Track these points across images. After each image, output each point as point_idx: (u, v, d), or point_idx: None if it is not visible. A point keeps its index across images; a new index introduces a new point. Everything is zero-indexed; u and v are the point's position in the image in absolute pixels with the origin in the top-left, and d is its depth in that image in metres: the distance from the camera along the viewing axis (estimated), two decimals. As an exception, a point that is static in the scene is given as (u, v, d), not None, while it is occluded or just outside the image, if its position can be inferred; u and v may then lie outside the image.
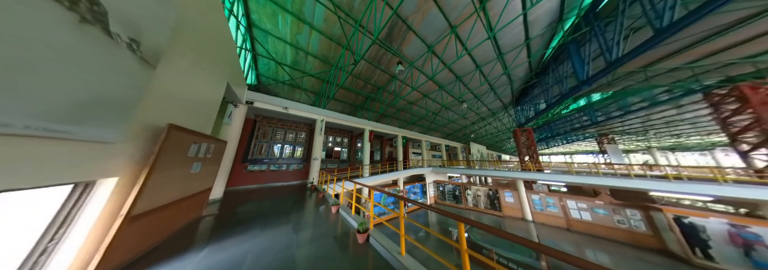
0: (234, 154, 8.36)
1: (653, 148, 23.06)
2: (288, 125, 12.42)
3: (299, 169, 12.08)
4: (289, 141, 12.27)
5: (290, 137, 12.46)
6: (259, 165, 11.08)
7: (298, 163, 12.33)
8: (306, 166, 12.40)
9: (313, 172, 10.68)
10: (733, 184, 8.19)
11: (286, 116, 11.54)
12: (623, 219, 9.94)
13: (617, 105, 12.88)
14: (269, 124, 11.69)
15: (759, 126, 9.74)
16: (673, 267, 7.93)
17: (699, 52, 9.10)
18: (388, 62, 11.27)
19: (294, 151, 12.31)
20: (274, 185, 10.95)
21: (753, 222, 7.76)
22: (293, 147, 12.29)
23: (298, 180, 11.87)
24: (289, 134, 12.37)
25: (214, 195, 6.99)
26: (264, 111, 10.45)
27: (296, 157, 12.21)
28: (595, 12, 9.35)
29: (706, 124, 14.96)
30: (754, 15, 7.21)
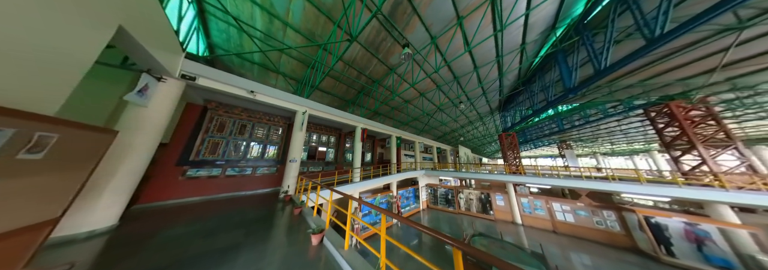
0: (153, 152, 3.71)
1: (597, 153, 23.52)
2: (258, 117, 6.94)
3: (271, 174, 7.68)
4: (258, 138, 7.31)
5: (260, 133, 6.87)
6: (207, 169, 6.14)
7: (270, 166, 7.70)
8: (282, 169, 7.89)
9: (289, 178, 6.27)
10: (684, 187, 6.96)
11: (254, 104, 6.02)
12: (601, 220, 8.16)
13: (579, 115, 10.59)
14: (229, 113, 6.56)
15: (684, 137, 8.70)
16: (644, 265, 6.40)
17: (651, 72, 8.04)
18: (387, 51, 6.63)
19: (265, 150, 6.90)
20: (234, 196, 6.22)
21: (702, 220, 6.71)
22: (264, 145, 6.97)
23: (269, 187, 7.45)
24: (258, 129, 7.02)
25: (95, 224, 2.78)
26: (220, 95, 5.36)
27: (269, 159, 7.27)
28: (583, 23, 7.27)
29: (634, 134, 14.22)
30: (695, 42, 6.35)
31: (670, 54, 7.32)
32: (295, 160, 6.29)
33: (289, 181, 6.01)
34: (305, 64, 7.46)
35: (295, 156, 6.33)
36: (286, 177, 6.07)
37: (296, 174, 6.22)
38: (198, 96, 5.79)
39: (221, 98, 6.16)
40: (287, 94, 6.48)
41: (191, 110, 5.88)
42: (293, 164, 6.21)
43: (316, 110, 7.34)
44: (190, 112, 5.85)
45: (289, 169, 6.12)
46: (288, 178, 6.04)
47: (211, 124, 6.22)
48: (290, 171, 6.09)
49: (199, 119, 5.97)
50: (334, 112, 7.88)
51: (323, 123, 9.60)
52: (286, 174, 6.09)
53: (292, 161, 6.24)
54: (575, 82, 7.95)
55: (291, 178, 6.05)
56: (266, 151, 7.58)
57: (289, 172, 6.08)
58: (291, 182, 6.02)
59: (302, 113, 6.75)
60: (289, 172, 6.07)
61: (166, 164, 5.13)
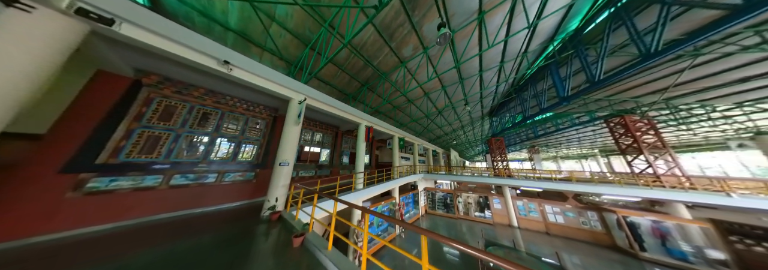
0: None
1: (558, 157, 25.83)
2: (231, 104, 4.77)
3: (246, 182, 5.35)
4: (229, 133, 4.50)
5: (232, 126, 4.46)
6: (134, 177, 3.61)
7: (244, 171, 5.55)
8: (262, 175, 5.70)
9: (278, 188, 4.33)
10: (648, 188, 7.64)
11: (227, 85, 3.93)
12: (586, 220, 8.47)
13: (551, 123, 11.29)
14: (184, 95, 4.47)
15: (635, 144, 9.82)
16: (624, 262, 6.62)
17: (617, 89, 8.98)
18: (402, 40, 5.54)
19: (239, 149, 4.50)
20: (187, 215, 3.88)
21: (663, 217, 7.16)
22: (236, 143, 4.51)
23: (243, 199, 4.64)
24: (230, 121, 4.63)
25: None
26: (170, 65, 3.74)
27: (243, 161, 4.52)
28: (578, 37, 7.43)
29: (587, 141, 15.99)
30: (651, 67, 7.21)
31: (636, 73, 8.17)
32: (287, 163, 4.40)
33: (278, 191, 4.09)
34: (303, 41, 5.62)
35: (287, 158, 4.44)
36: (272, 186, 4.13)
37: (287, 182, 4.32)
38: (124, 61, 3.46)
39: (171, 70, 3.89)
40: (281, 76, 4.58)
41: (107, 83, 3.47)
42: (284, 169, 4.31)
43: (316, 100, 5.53)
44: (105, 86, 3.43)
45: (276, 175, 4.21)
46: (275, 188, 4.12)
47: (149, 109, 3.84)
48: (279, 178, 4.19)
49: (123, 99, 3.57)
50: (337, 105, 6.18)
51: (319, 118, 7.67)
52: (273, 182, 4.16)
53: (283, 165, 4.33)
54: (568, 91, 8.18)
55: (280, 187, 4.14)
56: (240, 151, 5.34)
57: (277, 179, 4.17)
58: (280, 193, 4.11)
59: (299, 102, 4.90)
60: (276, 180, 4.16)
61: (36, 171, 2.69)
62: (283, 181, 4.31)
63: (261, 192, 5.49)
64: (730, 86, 7.94)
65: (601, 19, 7.06)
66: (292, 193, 4.25)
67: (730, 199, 6.62)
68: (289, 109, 4.90)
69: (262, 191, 5.44)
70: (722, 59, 6.74)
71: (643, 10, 6.00)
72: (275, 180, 4.26)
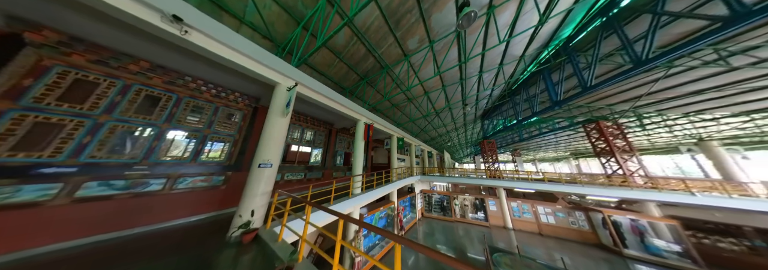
0: None
1: (535, 160, 26.99)
2: (188, 88, 4.06)
3: (212, 188, 4.17)
4: (186, 124, 3.22)
5: (191, 118, 3.17)
6: None
7: (209, 175, 4.11)
8: (235, 179, 4.51)
9: (255, 197, 3.00)
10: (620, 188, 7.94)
11: (182, 60, 2.85)
12: (574, 220, 8.54)
13: (535, 127, 11.68)
14: (108, 66, 3.49)
15: (608, 147, 10.54)
16: (609, 259, 6.72)
17: (597, 97, 9.44)
18: (408, 30, 4.81)
19: (202, 147, 3.06)
20: (105, 240, 2.25)
21: (640, 215, 7.44)
22: (199, 139, 3.14)
23: (205, 212, 3.41)
24: (190, 110, 3.75)
25: None
26: (74, 12, 1.94)
27: (207, 161, 3.64)
28: (571, 44, 7.60)
29: (563, 145, 16.96)
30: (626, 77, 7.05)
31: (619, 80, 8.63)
32: (269, 164, 3.28)
33: (255, 201, 2.95)
34: (294, 17, 4.53)
35: (270, 157, 3.31)
36: (248, 195, 2.97)
37: (268, 188, 3.20)
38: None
39: (85, 26, 2.55)
40: (265, 53, 3.47)
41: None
42: (265, 171, 3.19)
43: (310, 89, 4.46)
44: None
45: (255, 179, 3.08)
46: (251, 198, 2.98)
47: (40, 82, 2.43)
48: (257, 183, 3.07)
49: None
50: (335, 98, 5.15)
51: (311, 112, 6.50)
52: (248, 189, 3.00)
53: (264, 166, 3.20)
54: (560, 96, 8.32)
55: (259, 196, 3.01)
56: (204, 150, 4.00)
57: (255, 184, 3.05)
58: (259, 204, 2.98)
59: (288, 89, 3.81)
60: (254, 186, 3.04)
61: None
62: (263, 188, 3.17)
63: (233, 201, 4.18)
64: (683, 98, 8.83)
65: (592, 27, 7.22)
66: (276, 203, 3.12)
67: (693, 198, 7.11)
68: (275, 96, 3.77)
69: (233, 200, 4.14)
70: (682, 73, 7.35)
71: (632, 20, 6.17)
72: (252, 186, 3.10)
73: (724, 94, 8.06)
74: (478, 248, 7.00)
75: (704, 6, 5.06)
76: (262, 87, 4.43)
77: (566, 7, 5.94)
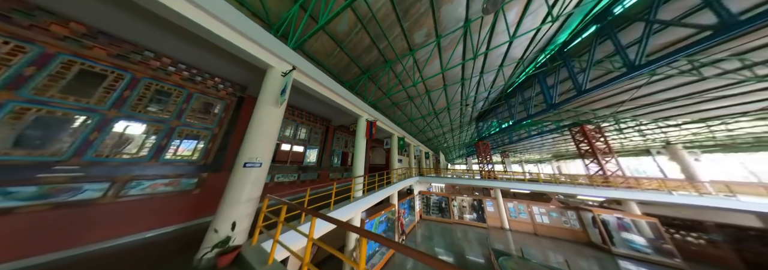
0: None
1: (522, 161, 27.83)
2: (150, 67, 3.65)
3: (181, 193, 3.31)
4: (144, 113, 2.84)
5: (153, 106, 2.46)
6: None
7: (177, 177, 3.17)
8: (213, 182, 3.63)
9: (238, 204, 2.18)
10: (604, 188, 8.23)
11: (133, 26, 2.65)
12: (567, 220, 8.79)
13: (524, 130, 12.08)
14: (9, 21, 2.17)
15: (591, 150, 11.21)
16: (599, 257, 6.84)
17: (582, 102, 9.89)
18: (416, 21, 4.35)
19: (167, 142, 2.24)
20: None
21: (625, 214, 7.66)
22: (164, 133, 2.29)
23: (171, 224, 2.59)
24: (151, 95, 3.24)
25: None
26: None
27: (175, 160, 2.94)
28: (565, 50, 7.73)
29: (548, 147, 17.67)
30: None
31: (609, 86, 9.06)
32: (258, 163, 2.58)
33: (238, 210, 2.24)
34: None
35: (260, 155, 2.61)
36: (228, 202, 2.25)
37: (256, 194, 2.49)
38: None
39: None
40: (255, 28, 2.76)
41: None
42: (252, 172, 2.49)
43: (308, 77, 3.80)
44: None
45: (238, 182, 2.38)
46: (233, 206, 2.26)
47: None
48: (241, 187, 2.37)
49: None
50: (337, 90, 4.51)
51: (306, 107, 5.74)
52: (229, 194, 2.29)
53: (251, 166, 2.50)
54: (555, 99, 8.48)
55: (243, 203, 2.31)
56: (167, 147, 3.13)
57: (239, 189, 2.36)
58: (243, 213, 2.27)
59: (283, 74, 3.13)
60: (237, 191, 2.34)
61: None
62: (249, 193, 2.46)
63: (209, 208, 3.34)
64: (655, 105, 9.56)
65: (587, 33, 7.43)
66: (265, 212, 2.42)
67: (670, 197, 7.55)
68: (267, 82, 3.06)
69: (210, 207, 3.30)
70: (658, 82, 7.89)
71: (625, 27, 6.39)
72: (235, 190, 2.38)
73: (688, 102, 8.82)
74: (480, 251, 6.72)
75: (691, 16, 5.31)
76: (251, 72, 3.66)
77: (567, 10, 5.97)
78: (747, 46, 5.82)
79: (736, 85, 7.19)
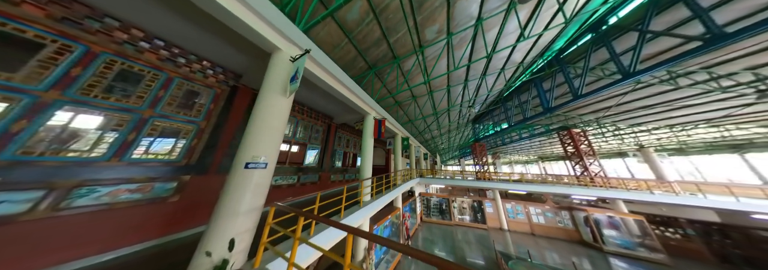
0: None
1: (512, 162, 28.58)
2: (108, 38, 2.78)
3: (156, 201, 2.62)
4: (106, 97, 2.84)
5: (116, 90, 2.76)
6: None
7: (150, 181, 2.38)
8: (196, 186, 3.07)
9: (236, 217, 1.62)
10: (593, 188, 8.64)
11: None
12: (561, 219, 9.17)
13: (516, 133, 12.51)
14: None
15: (576, 152, 11.77)
16: (591, 255, 7.02)
17: (571, 108, 10.39)
18: (429, 16, 4.00)
19: (135, 138, 2.11)
20: None
21: (616, 213, 8.00)
22: (133, 126, 2.56)
23: (138, 242, 2.29)
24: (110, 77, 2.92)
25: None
26: None
27: (150, 159, 2.43)
28: (561, 57, 8.07)
29: (536, 149, 18.40)
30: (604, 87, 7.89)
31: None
32: (263, 163, 2.01)
33: (237, 223, 1.66)
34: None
35: (265, 154, 2.03)
36: (223, 213, 1.67)
37: (260, 202, 1.92)
38: None
39: None
40: (262, 0, 2.19)
41: None
42: (253, 174, 1.93)
43: (318, 66, 3.27)
44: None
45: (237, 188, 1.81)
46: (231, 217, 1.69)
47: None
48: (242, 193, 1.82)
49: None
50: (347, 83, 4.01)
51: (307, 101, 5.12)
52: (225, 204, 1.73)
53: (254, 166, 1.92)
54: (551, 103, 8.75)
55: (244, 214, 1.74)
56: (136, 143, 2.42)
57: (238, 195, 1.80)
58: (243, 228, 1.70)
59: (293, 58, 2.61)
60: (236, 197, 1.78)
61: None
62: (250, 201, 1.90)
63: (190, 220, 2.64)
64: (632, 112, 10.34)
65: (583, 41, 7.75)
66: (271, 223, 1.86)
67: (651, 196, 8.07)
68: (272, 67, 2.52)
69: (192, 218, 2.61)
70: (639, 90, 8.50)
71: (619, 36, 6.72)
72: (232, 199, 1.82)
73: (660, 110, 9.65)
74: (486, 254, 6.54)
75: (682, 27, 5.65)
76: (250, 55, 3.05)
77: (578, 12, 6.08)
78: (714, 61, 6.39)
79: (703, 95, 7.92)
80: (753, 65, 6.29)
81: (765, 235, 7.34)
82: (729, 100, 8.16)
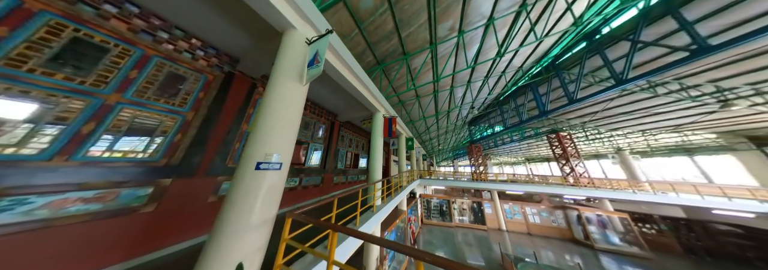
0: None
1: (502, 164, 29.35)
2: None
3: (126, 211, 2.14)
4: (50, 74, 1.92)
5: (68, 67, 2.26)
6: None
7: (114, 187, 1.75)
8: (179, 191, 2.12)
9: (247, 232, 1.16)
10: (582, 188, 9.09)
11: None
12: (555, 219, 9.71)
13: (508, 135, 13.00)
14: None
15: (564, 153, 12.41)
16: (583, 253, 7.34)
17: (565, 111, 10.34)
18: (445, 10, 3.83)
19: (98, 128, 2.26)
20: None
21: (605, 212, 8.51)
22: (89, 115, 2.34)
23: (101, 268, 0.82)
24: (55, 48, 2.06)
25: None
26: None
27: (115, 158, 2.14)
28: (557, 63, 8.48)
29: (524, 151, 19.16)
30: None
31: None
32: (277, 163, 1.53)
33: (247, 241, 1.20)
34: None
35: (279, 151, 1.55)
36: (230, 227, 1.19)
37: (273, 211, 1.46)
38: None
39: None
40: None
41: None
42: (265, 177, 1.46)
43: (333, 53, 2.84)
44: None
45: (247, 194, 1.36)
46: (239, 234, 1.25)
47: None
48: (253, 200, 1.41)
49: None
50: (361, 75, 3.61)
51: (311, 94, 4.59)
52: (232, 215, 1.25)
53: (268, 167, 1.44)
54: (547, 106, 9.07)
55: (256, 228, 1.30)
56: (95, 137, 1.80)
57: (248, 204, 1.39)
58: (254, 246, 1.22)
59: (309, 41, 2.15)
60: (246, 207, 1.34)
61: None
62: (262, 212, 1.46)
63: (171, 234, 2.03)
64: (612, 118, 11.15)
65: (578, 49, 8.13)
66: (286, 239, 1.40)
67: (634, 195, 8.64)
68: (284, 50, 2.06)
69: (173, 232, 2.01)
70: (620, 97, 9.16)
71: (612, 45, 7.10)
72: (240, 209, 1.35)
73: (637, 116, 10.51)
74: (484, 254, 6.42)
75: (669, 37, 6.06)
76: (252, 35, 2.52)
77: (564, 27, 6.31)
78: (685, 73, 7.02)
79: (674, 103, 8.70)
80: (714, 78, 7.00)
81: (720, 228, 8.20)
82: (695, 108, 9.06)
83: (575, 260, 6.42)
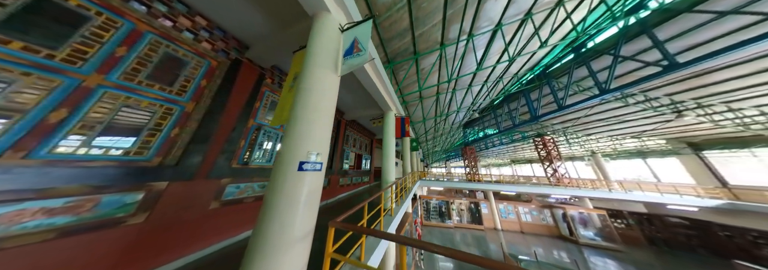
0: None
1: (490, 165, 30.28)
2: None
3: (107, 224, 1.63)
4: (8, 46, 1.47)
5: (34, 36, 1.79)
6: None
7: (88, 194, 1.36)
8: (174, 197, 1.70)
9: (288, 248, 0.93)
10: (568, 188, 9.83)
11: None
12: (544, 217, 9.09)
13: (497, 138, 13.70)
14: None
15: (548, 155, 13.32)
16: (568, 248, 7.87)
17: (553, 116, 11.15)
18: (458, 12, 3.96)
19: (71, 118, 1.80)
20: None
21: (586, 210, 9.34)
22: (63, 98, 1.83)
23: None
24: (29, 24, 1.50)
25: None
26: None
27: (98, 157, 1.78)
28: (547, 72, 9.17)
29: (511, 153, 20.12)
30: None
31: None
32: (319, 163, 1.27)
33: (291, 259, 0.94)
34: None
35: (320, 149, 1.31)
36: (270, 242, 1.06)
37: (312, 222, 1.21)
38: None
39: None
40: None
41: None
42: (305, 179, 1.21)
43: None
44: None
45: (287, 200, 1.18)
46: (283, 249, 0.97)
47: None
48: (294, 209, 1.25)
49: None
50: (381, 70, 3.43)
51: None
52: (271, 227, 1.15)
53: (310, 167, 1.18)
54: (538, 111, 9.65)
55: (299, 241, 1.06)
56: (66, 129, 1.38)
57: (292, 212, 1.18)
58: (299, 262, 0.96)
59: (343, 28, 1.95)
60: (287, 216, 1.14)
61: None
62: (304, 221, 1.25)
63: (164, 252, 1.63)
64: (589, 124, 12.27)
65: (566, 60, 8.79)
66: (331, 254, 1.16)
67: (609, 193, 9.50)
68: (316, 36, 1.81)
69: (167, 249, 1.61)
70: (598, 105, 10.13)
71: (596, 57, 7.79)
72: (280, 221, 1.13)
73: (610, 123, 11.69)
74: (487, 256, 6.55)
75: (645, 53, 6.78)
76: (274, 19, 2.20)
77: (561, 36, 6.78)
78: (648, 86, 8.01)
79: (640, 112, 9.82)
80: (670, 92, 8.09)
81: (674, 220, 9.39)
82: (656, 117, 10.31)
83: (561, 254, 6.79)
